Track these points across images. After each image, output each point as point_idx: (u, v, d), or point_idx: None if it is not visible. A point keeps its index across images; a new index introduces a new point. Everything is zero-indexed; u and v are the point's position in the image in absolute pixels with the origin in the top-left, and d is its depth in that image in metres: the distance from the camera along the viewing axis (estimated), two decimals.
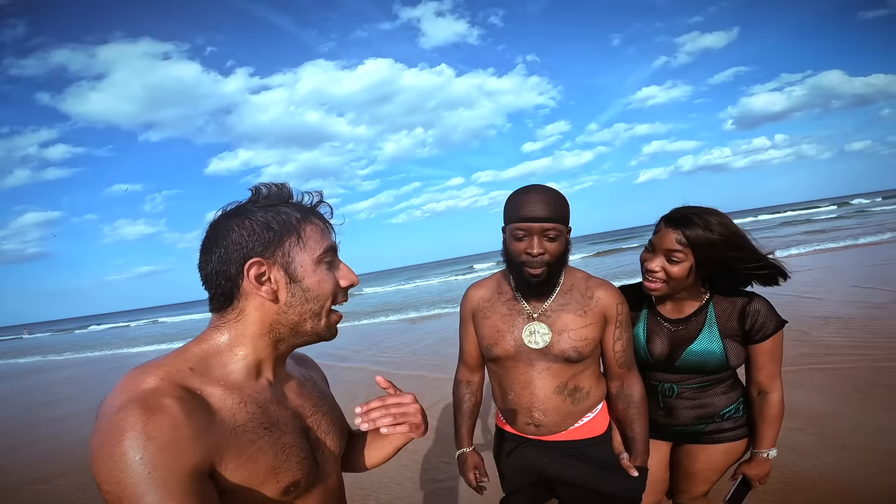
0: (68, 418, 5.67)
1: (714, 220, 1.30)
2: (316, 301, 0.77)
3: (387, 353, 7.16)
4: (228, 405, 0.68)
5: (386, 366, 6.25)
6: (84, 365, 11.46)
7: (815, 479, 2.40)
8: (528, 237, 1.27)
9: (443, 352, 6.53)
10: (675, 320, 1.46)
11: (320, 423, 0.84)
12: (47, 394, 7.70)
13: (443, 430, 3.76)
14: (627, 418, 1.40)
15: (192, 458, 0.60)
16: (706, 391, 1.47)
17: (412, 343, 7.67)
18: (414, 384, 5.14)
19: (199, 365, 0.70)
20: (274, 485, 0.70)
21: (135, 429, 0.57)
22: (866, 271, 7.99)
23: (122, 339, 18.64)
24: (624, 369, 1.40)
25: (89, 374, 9.86)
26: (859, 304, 5.72)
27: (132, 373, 0.66)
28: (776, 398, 1.42)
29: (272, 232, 0.73)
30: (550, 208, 1.25)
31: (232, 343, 0.74)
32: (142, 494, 0.55)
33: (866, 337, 4.49)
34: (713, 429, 1.48)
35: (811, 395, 3.39)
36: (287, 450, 0.72)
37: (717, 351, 1.39)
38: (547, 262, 1.29)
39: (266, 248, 0.73)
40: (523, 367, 1.36)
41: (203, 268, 0.74)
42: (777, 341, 1.38)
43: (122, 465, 0.55)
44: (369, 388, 5.21)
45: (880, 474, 2.36)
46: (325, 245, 0.78)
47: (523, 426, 1.41)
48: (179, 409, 0.61)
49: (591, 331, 1.33)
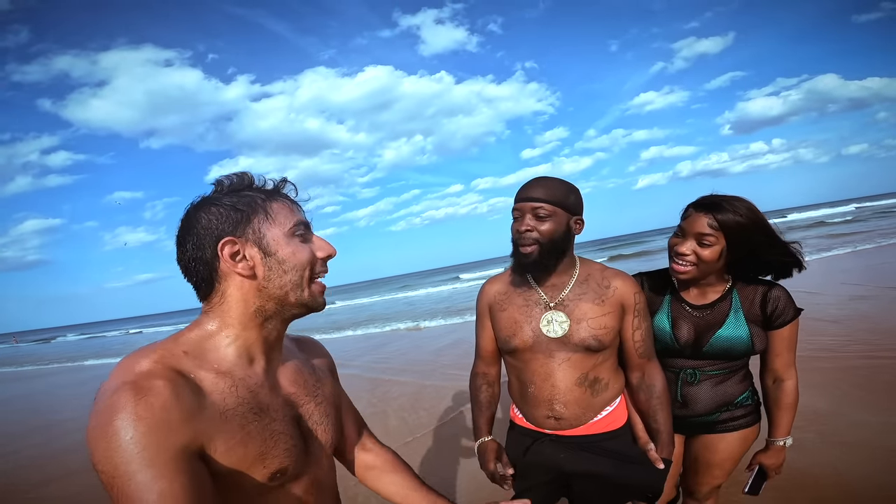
0: (71, 421, 5.61)
1: (742, 205, 1.33)
2: (294, 271, 0.77)
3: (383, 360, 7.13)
4: (220, 389, 0.69)
5: (384, 373, 6.23)
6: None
7: (816, 475, 2.39)
8: (521, 217, 1.32)
9: (424, 359, 6.51)
10: (699, 306, 1.46)
11: (313, 412, 0.84)
12: (50, 397, 7.64)
13: (442, 433, 3.74)
14: (651, 409, 1.39)
15: (181, 438, 0.61)
16: (727, 379, 1.47)
17: (410, 351, 7.64)
18: (408, 389, 5.12)
19: (194, 349, 0.72)
20: (261, 470, 0.70)
21: (126, 409, 0.58)
22: (864, 270, 8.02)
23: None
24: (644, 359, 1.40)
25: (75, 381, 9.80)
26: (857, 302, 5.74)
27: (128, 357, 0.67)
28: (791, 385, 1.44)
29: (240, 212, 0.75)
30: (543, 191, 1.29)
31: (220, 327, 0.75)
32: (133, 473, 0.56)
33: (865, 335, 4.50)
34: (727, 417, 1.49)
35: (811, 393, 3.38)
36: (276, 436, 0.73)
37: (744, 336, 1.40)
38: (537, 240, 1.29)
39: (236, 227, 0.75)
40: (543, 358, 1.35)
41: (180, 259, 0.76)
42: (794, 329, 1.40)
43: (115, 444, 0.57)
44: (371, 391, 5.19)
45: (881, 471, 2.35)
46: (294, 219, 0.79)
47: (542, 420, 1.39)
48: (170, 391, 0.62)
49: (609, 319, 1.33)
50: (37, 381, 10.72)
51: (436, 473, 3.09)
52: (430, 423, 4.00)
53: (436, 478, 3.02)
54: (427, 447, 3.53)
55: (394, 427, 4.06)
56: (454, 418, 4.03)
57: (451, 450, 3.42)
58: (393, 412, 4.45)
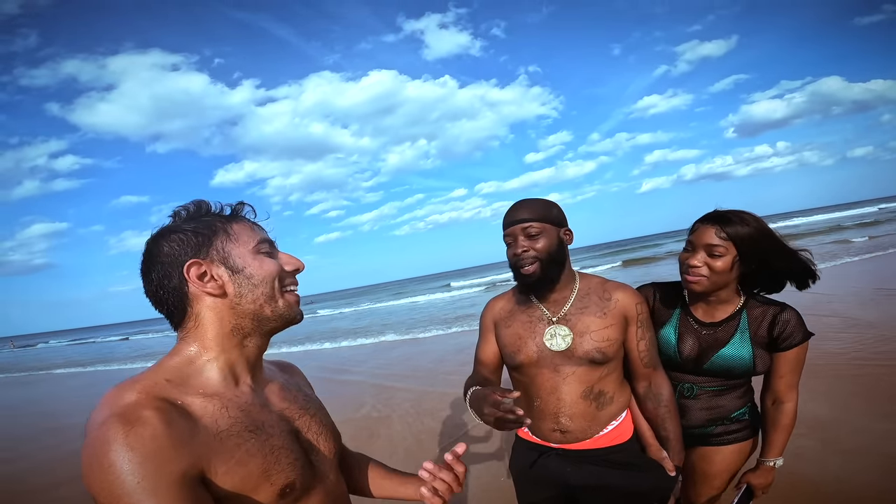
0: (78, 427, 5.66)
1: (748, 217, 1.36)
2: (264, 284, 0.77)
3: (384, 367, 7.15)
4: (210, 412, 0.69)
5: (386, 379, 6.25)
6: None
7: (817, 482, 2.40)
8: (514, 241, 1.36)
9: (425, 367, 6.52)
10: (707, 323, 1.47)
11: (310, 424, 0.84)
12: (61, 402, 7.69)
13: (446, 437, 3.76)
14: (659, 417, 1.41)
15: (177, 465, 0.60)
16: (724, 394, 1.49)
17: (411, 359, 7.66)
18: (408, 396, 5.15)
19: (176, 376, 0.72)
20: (268, 488, 0.70)
21: (117, 441, 0.58)
22: (868, 276, 7.99)
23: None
24: (650, 369, 1.42)
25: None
26: (859, 309, 5.72)
27: (112, 391, 0.67)
28: (790, 408, 1.44)
29: (201, 236, 0.76)
30: (528, 211, 1.35)
31: (200, 350, 0.75)
32: (136, 503, 0.56)
33: (867, 342, 4.50)
34: (721, 430, 1.50)
35: (813, 400, 3.38)
36: (276, 451, 0.73)
37: (747, 357, 1.41)
38: (536, 258, 1.33)
39: (199, 249, 0.75)
40: (548, 372, 1.38)
41: (148, 291, 0.76)
42: (801, 352, 1.40)
43: (112, 475, 0.57)
44: (374, 397, 5.22)
45: (882, 478, 2.36)
46: (257, 237, 0.80)
47: (548, 433, 1.41)
48: (159, 420, 0.62)
49: (612, 332, 1.36)
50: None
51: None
52: (434, 428, 4.03)
53: None
54: (429, 449, 3.56)
55: (397, 432, 4.10)
56: (457, 423, 4.05)
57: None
58: (398, 418, 4.49)
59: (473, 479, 3.02)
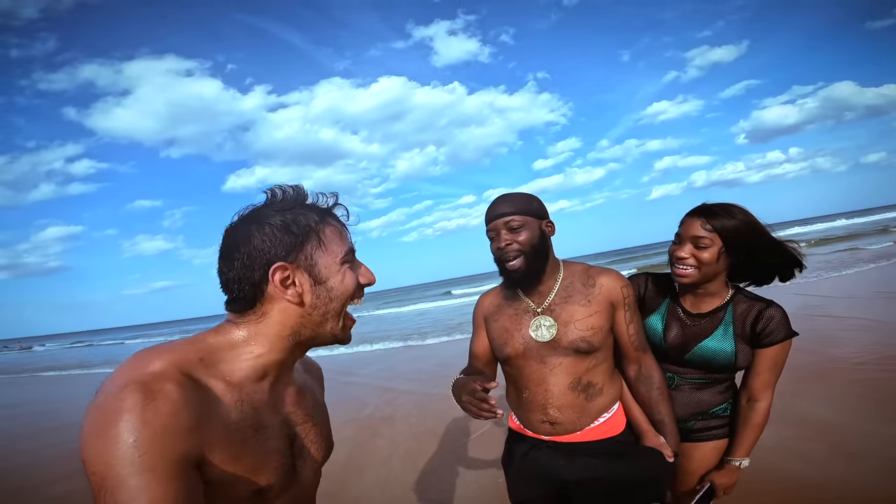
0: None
1: (733, 208, 1.39)
2: (339, 300, 0.77)
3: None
4: (227, 401, 0.68)
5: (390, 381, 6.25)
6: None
7: (822, 486, 2.36)
8: (497, 235, 1.37)
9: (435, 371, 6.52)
10: (694, 314, 1.48)
11: (309, 432, 0.84)
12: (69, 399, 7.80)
13: (445, 443, 3.75)
14: (652, 401, 1.40)
15: (183, 446, 0.59)
16: (705, 388, 1.49)
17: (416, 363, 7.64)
18: (415, 399, 5.14)
19: (209, 356, 0.70)
20: (248, 484, 0.69)
21: (132, 411, 0.56)
22: (880, 282, 7.86)
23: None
24: (640, 352, 1.42)
25: None
26: (869, 314, 5.63)
27: (139, 353, 0.65)
28: (764, 406, 1.43)
29: (293, 236, 0.73)
30: (508, 205, 1.35)
31: (248, 340, 0.73)
32: (126, 476, 0.54)
33: (874, 346, 4.42)
34: (702, 426, 1.50)
35: (819, 404, 3.34)
36: (270, 454, 0.72)
37: (729, 350, 1.41)
38: (520, 250, 1.34)
39: (289, 252, 0.72)
40: (535, 364, 1.38)
41: (224, 273, 0.73)
42: (782, 351, 1.40)
43: (114, 446, 0.55)
44: (378, 398, 5.22)
45: (889, 482, 2.32)
46: (346, 247, 0.79)
47: (538, 425, 1.40)
48: (180, 397, 0.60)
49: (597, 319, 1.35)
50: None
51: (437, 476, 3.11)
52: (436, 430, 4.02)
53: (437, 480, 3.05)
54: (432, 453, 3.55)
55: (399, 432, 4.09)
56: (459, 426, 4.04)
57: (455, 457, 3.43)
58: (401, 418, 4.49)
59: (471, 481, 3.01)
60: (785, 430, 2.94)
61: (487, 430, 3.73)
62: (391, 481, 3.12)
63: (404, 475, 3.19)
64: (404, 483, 3.09)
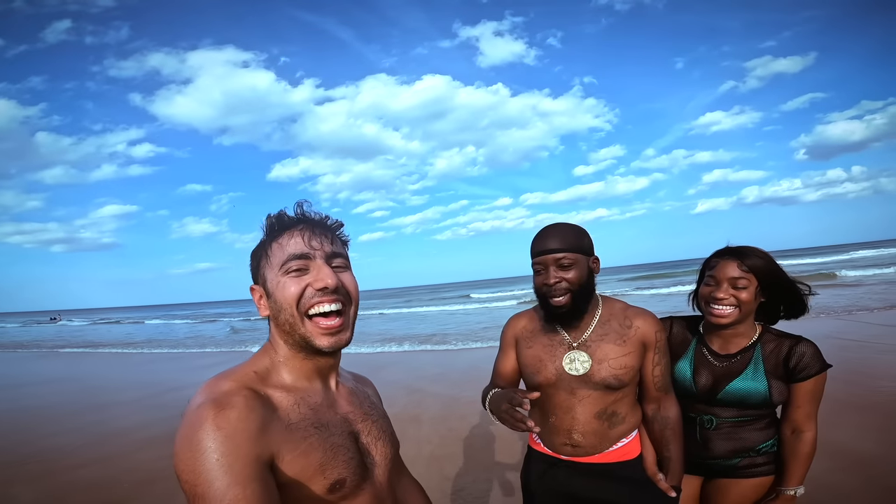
0: (122, 405, 6.06)
1: (758, 250, 1.46)
2: (285, 310, 0.81)
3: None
4: (285, 405, 0.78)
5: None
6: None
7: None
8: (545, 270, 1.38)
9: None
10: (722, 355, 1.51)
11: (370, 429, 0.90)
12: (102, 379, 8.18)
13: (471, 454, 3.80)
14: (664, 439, 1.44)
15: (255, 448, 0.68)
16: (745, 426, 1.49)
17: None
18: (442, 402, 5.19)
19: (262, 370, 0.82)
20: (321, 481, 0.75)
21: (207, 420, 0.67)
22: None
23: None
24: (661, 392, 1.45)
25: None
26: None
27: (212, 379, 0.77)
28: (810, 437, 1.44)
29: (255, 260, 0.88)
30: (560, 240, 1.36)
31: (274, 354, 0.85)
32: (212, 481, 0.63)
33: None
34: (747, 463, 1.49)
35: (857, 435, 3.21)
36: (334, 449, 0.79)
37: (762, 388, 1.44)
38: (568, 289, 1.35)
39: (255, 273, 0.88)
40: (564, 394, 1.42)
41: None
42: (818, 383, 1.42)
43: (197, 453, 0.64)
44: (406, 397, 5.32)
45: None
46: (286, 254, 0.82)
47: (560, 446, 1.45)
48: (244, 405, 0.71)
49: (630, 359, 1.39)
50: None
51: (461, 481, 3.17)
52: (460, 434, 4.08)
53: (459, 487, 3.10)
54: (455, 454, 3.61)
55: (424, 434, 4.17)
56: (484, 432, 4.08)
57: (478, 458, 3.49)
58: (428, 419, 4.57)
59: (494, 489, 3.06)
60: (819, 461, 2.78)
61: (514, 445, 3.75)
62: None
63: (428, 477, 3.26)
64: (427, 487, 3.16)
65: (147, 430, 4.74)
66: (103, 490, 3.36)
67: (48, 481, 3.56)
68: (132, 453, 4.09)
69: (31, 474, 3.71)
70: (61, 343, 17.41)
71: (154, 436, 4.49)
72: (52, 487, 3.45)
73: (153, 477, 3.50)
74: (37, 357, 13.39)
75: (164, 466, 3.66)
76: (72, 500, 3.25)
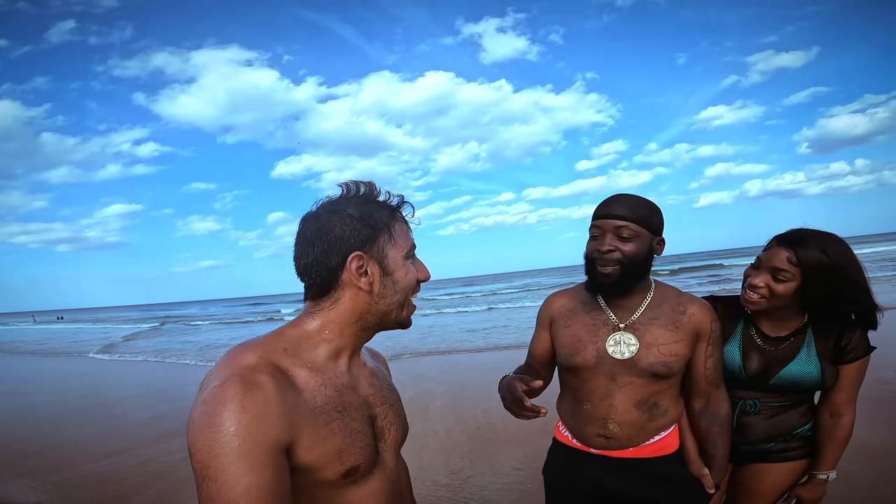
0: (132, 400, 6.11)
1: (832, 246, 1.28)
2: (402, 292, 0.83)
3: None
4: (311, 386, 0.73)
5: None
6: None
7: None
8: (601, 235, 1.27)
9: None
10: (772, 338, 1.42)
11: (387, 413, 0.87)
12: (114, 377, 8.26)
13: (484, 448, 3.78)
14: (711, 436, 1.35)
15: (276, 433, 0.64)
16: (788, 410, 1.44)
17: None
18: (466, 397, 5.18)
19: (292, 346, 0.76)
20: (337, 466, 0.73)
21: (234, 401, 0.62)
22: None
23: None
24: (713, 387, 1.35)
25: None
26: None
27: (235, 349, 0.73)
28: (848, 421, 1.40)
29: (369, 229, 0.79)
30: (627, 209, 1.25)
31: (321, 328, 0.79)
32: (227, 465, 0.59)
33: None
34: (782, 447, 1.45)
35: (873, 428, 3.15)
36: (353, 435, 0.76)
37: (815, 372, 1.37)
38: (619, 260, 1.24)
39: (364, 243, 0.78)
40: (604, 379, 1.31)
41: (302, 259, 0.79)
42: (863, 366, 1.37)
43: (218, 434, 0.60)
44: (414, 387, 5.31)
45: None
46: (410, 243, 0.85)
47: (592, 438, 1.35)
48: (272, 386, 0.66)
49: (681, 347, 1.28)
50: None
51: (465, 473, 3.15)
52: (466, 427, 4.06)
53: (463, 478, 3.09)
54: (461, 444, 3.60)
55: (430, 427, 4.16)
56: (490, 424, 4.07)
57: (485, 449, 3.48)
58: (435, 409, 4.56)
59: (493, 484, 3.04)
60: None
61: (520, 433, 3.73)
62: (420, 476, 3.16)
63: (433, 471, 3.25)
64: (434, 478, 3.15)
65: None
66: (111, 484, 3.38)
67: (55, 476, 3.59)
68: (141, 447, 4.11)
69: (37, 469, 3.74)
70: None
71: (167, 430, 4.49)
72: (58, 483, 3.47)
73: (161, 470, 3.52)
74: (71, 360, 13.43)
75: (172, 461, 3.67)
76: (78, 495, 3.26)
